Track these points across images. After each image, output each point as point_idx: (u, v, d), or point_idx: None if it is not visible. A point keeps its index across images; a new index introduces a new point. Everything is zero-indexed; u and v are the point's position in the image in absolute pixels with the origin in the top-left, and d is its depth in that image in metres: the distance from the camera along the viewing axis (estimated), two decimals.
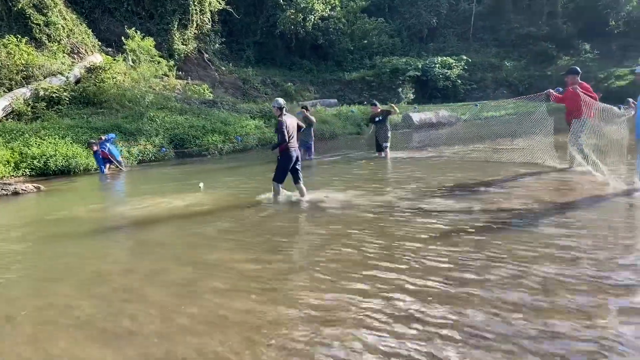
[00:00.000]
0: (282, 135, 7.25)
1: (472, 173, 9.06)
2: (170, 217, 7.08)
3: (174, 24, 26.70)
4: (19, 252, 5.55)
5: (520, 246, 4.50)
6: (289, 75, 34.48)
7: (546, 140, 9.93)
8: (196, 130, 17.86)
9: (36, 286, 4.36)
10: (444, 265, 4.12)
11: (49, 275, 4.67)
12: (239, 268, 4.45)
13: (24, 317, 3.62)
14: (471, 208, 6.15)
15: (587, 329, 2.91)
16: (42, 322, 3.52)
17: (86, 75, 19.26)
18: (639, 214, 5.81)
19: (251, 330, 3.17)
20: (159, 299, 3.82)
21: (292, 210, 6.98)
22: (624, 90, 28.50)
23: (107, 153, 13.16)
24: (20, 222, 7.48)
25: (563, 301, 3.30)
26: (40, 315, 3.66)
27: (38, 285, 4.40)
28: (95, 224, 6.97)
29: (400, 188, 8.04)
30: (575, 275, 3.73)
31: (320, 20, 35.69)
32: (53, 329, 3.40)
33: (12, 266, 4.99)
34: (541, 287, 3.55)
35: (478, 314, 3.18)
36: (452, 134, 15.19)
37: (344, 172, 10.74)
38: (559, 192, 7.13)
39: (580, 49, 40.68)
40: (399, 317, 3.21)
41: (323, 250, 4.81)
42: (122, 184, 11.67)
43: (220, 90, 27.72)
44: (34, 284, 4.42)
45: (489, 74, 38.27)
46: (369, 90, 34.65)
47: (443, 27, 43.71)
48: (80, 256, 5.27)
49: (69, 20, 22.11)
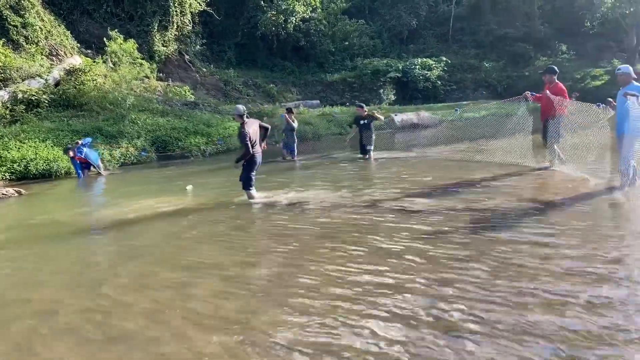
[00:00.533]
0: (247, 147, 7.39)
1: (455, 173, 9.19)
2: (155, 220, 7.07)
3: (154, 26, 26.49)
4: (1, 257, 5.50)
5: (502, 246, 4.60)
6: (270, 77, 34.46)
7: (526, 140, 10.12)
8: (178, 132, 17.78)
9: (21, 292, 4.33)
10: (426, 265, 4.21)
11: (35, 279, 4.64)
12: (227, 270, 4.48)
13: (10, 323, 3.60)
14: (454, 207, 6.26)
15: (564, 319, 3.01)
16: (28, 329, 3.50)
17: (66, 77, 19.01)
18: (619, 210, 5.97)
19: (245, 332, 3.21)
20: (146, 303, 3.84)
21: (276, 211, 7.01)
22: (599, 90, 29.11)
23: (84, 158, 12.87)
24: (3, 225, 7.39)
25: (542, 295, 3.41)
26: (27, 321, 3.64)
27: (23, 291, 4.37)
28: (79, 228, 6.93)
29: (384, 188, 8.14)
30: (554, 271, 3.84)
31: (301, 22, 35.73)
32: (40, 336, 3.39)
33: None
34: (521, 283, 3.65)
35: (457, 312, 3.26)
36: (434, 135, 15.33)
37: (327, 173, 10.81)
38: (540, 190, 7.30)
39: (557, 49, 41.37)
40: (382, 317, 3.28)
41: (311, 251, 4.86)
42: (104, 188, 11.56)
43: (201, 91, 27.59)
44: (19, 290, 4.39)
45: (468, 74, 38.71)
46: (350, 92, 34.80)
47: (422, 29, 44.09)
48: (66, 261, 5.25)
49: (46, 21, 21.78)
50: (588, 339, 2.78)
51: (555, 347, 2.73)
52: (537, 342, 2.78)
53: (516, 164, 9.50)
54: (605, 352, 2.65)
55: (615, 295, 3.36)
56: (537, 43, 41.23)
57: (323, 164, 12.86)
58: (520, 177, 8.38)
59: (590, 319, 3.01)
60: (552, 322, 3.00)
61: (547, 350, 2.69)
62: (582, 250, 4.31)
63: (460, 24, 44.15)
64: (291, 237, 5.39)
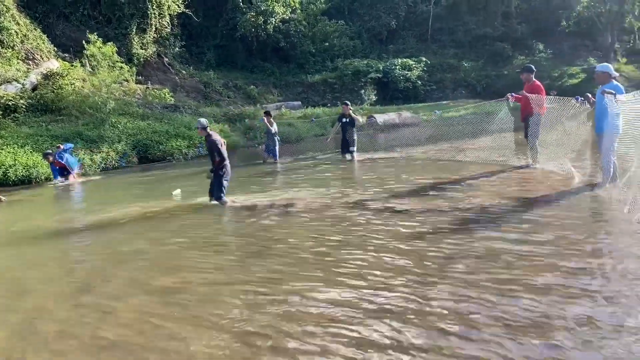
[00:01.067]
0: (221, 156, 7.50)
1: (439, 173, 9.29)
2: (140, 224, 7.01)
3: (132, 28, 26.17)
4: None
5: (486, 243, 4.67)
6: (251, 78, 34.32)
7: (508, 139, 10.27)
8: (159, 135, 17.63)
9: (8, 300, 4.26)
10: (410, 262, 4.25)
11: (22, 288, 4.57)
12: (218, 273, 4.48)
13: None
14: (438, 207, 6.32)
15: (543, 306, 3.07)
16: (19, 337, 3.45)
17: (43, 81, 18.70)
18: (601, 207, 6.08)
19: (241, 335, 3.21)
20: (138, 307, 3.81)
21: (263, 214, 6.99)
22: (576, 88, 29.58)
23: (64, 163, 12.62)
24: None
25: (524, 290, 3.47)
26: (18, 329, 3.59)
27: (11, 298, 4.30)
28: (63, 234, 6.84)
29: (368, 189, 8.18)
30: (537, 266, 3.91)
31: (281, 23, 35.67)
32: (32, 343, 3.35)
33: None
34: (504, 278, 3.71)
35: (441, 309, 3.31)
36: (416, 135, 15.46)
37: (311, 175, 10.82)
38: (523, 188, 7.41)
39: (534, 48, 41.97)
40: (369, 311, 3.31)
41: (301, 251, 4.87)
42: (86, 194, 11.41)
43: (181, 94, 27.36)
44: (6, 298, 4.32)
45: (448, 74, 39.05)
46: (331, 93, 34.85)
47: (402, 29, 44.35)
48: (52, 267, 5.18)
49: (22, 25, 21.39)
50: (568, 330, 2.84)
51: (538, 342, 2.78)
52: (520, 339, 2.83)
53: (499, 162, 9.62)
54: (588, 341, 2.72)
55: (591, 287, 3.44)
56: (515, 42, 41.80)
57: (306, 166, 12.86)
58: (503, 176, 8.49)
59: (568, 310, 3.08)
60: (534, 316, 3.05)
61: (529, 347, 2.74)
62: (562, 246, 4.39)
63: (439, 24, 44.52)
64: (277, 241, 5.39)
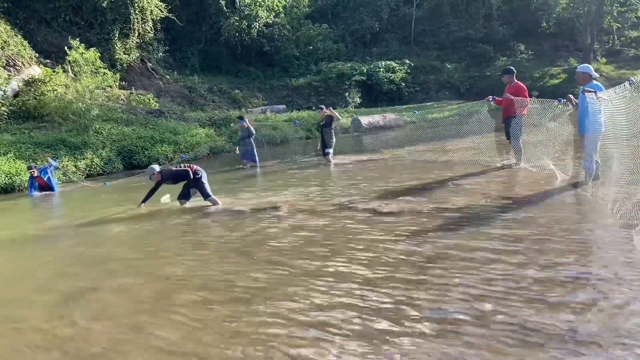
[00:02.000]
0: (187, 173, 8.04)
1: (423, 174, 9.35)
2: (129, 231, 6.98)
3: (115, 34, 26.00)
4: None
5: (471, 242, 4.73)
6: (235, 83, 34.27)
7: (490, 140, 10.39)
8: (144, 141, 17.56)
9: None
10: (395, 263, 4.30)
11: (4, 295, 4.53)
12: (211, 279, 4.48)
13: None
14: (423, 208, 6.38)
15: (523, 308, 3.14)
16: (10, 349, 3.43)
17: (25, 88, 18.54)
18: (584, 205, 6.19)
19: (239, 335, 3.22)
20: (128, 316, 3.80)
21: (250, 218, 7.00)
22: (557, 88, 30.01)
23: (45, 180, 12.11)
24: None
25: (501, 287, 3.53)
26: (7, 339, 3.57)
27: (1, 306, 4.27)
28: (50, 242, 6.79)
29: (352, 191, 8.21)
30: (519, 263, 3.98)
31: (265, 27, 35.69)
32: (23, 354, 3.33)
33: None
34: (487, 279, 3.77)
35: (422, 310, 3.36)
36: (400, 137, 15.57)
37: (294, 178, 10.83)
38: (506, 188, 7.51)
39: (516, 49, 42.46)
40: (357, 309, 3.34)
41: (290, 254, 4.90)
42: (70, 202, 11.32)
43: (166, 99, 27.25)
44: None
45: (431, 76, 39.32)
46: (316, 96, 34.90)
47: (385, 32, 44.61)
48: (40, 276, 5.14)
49: (2, 31, 21.13)
50: (550, 336, 2.90)
51: (516, 342, 2.84)
52: (502, 340, 2.88)
53: (482, 162, 9.72)
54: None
55: (577, 287, 3.52)
56: (496, 44, 42.25)
57: (289, 169, 12.84)
58: (486, 176, 8.58)
59: (551, 311, 3.14)
60: (515, 319, 3.11)
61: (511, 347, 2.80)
62: (546, 245, 4.47)
63: (421, 26, 44.86)
64: (264, 245, 5.41)
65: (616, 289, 3.41)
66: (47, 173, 12.24)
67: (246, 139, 14.07)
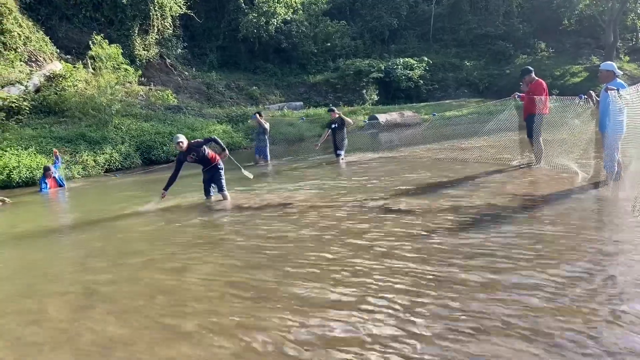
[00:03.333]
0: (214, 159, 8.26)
1: (441, 172, 9.27)
2: (148, 224, 7.04)
3: (134, 30, 26.27)
4: None
5: (489, 240, 4.67)
6: (253, 79, 34.37)
7: (509, 138, 10.26)
8: (163, 136, 17.71)
9: (17, 301, 4.28)
10: (412, 262, 4.25)
11: (23, 286, 4.59)
12: (230, 275, 4.49)
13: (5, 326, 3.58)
14: (441, 206, 6.30)
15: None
16: (26, 343, 3.47)
17: (46, 83, 18.81)
18: (605, 205, 6.07)
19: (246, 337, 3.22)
20: (143, 309, 3.82)
21: (263, 215, 7.00)
22: (578, 87, 29.55)
23: (57, 181, 12.35)
24: None
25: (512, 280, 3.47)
26: (18, 328, 3.61)
27: (19, 301, 4.31)
28: (69, 235, 6.86)
29: (368, 189, 8.16)
30: (539, 264, 3.91)
31: (282, 24, 35.72)
32: (39, 346, 3.37)
33: None
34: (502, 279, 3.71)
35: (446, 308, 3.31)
36: (418, 134, 15.45)
37: (308, 175, 10.78)
38: (526, 187, 7.40)
39: (536, 47, 41.94)
40: (369, 311, 3.31)
41: (297, 252, 4.88)
42: (90, 195, 11.45)
43: (184, 95, 27.46)
44: (14, 299, 4.33)
45: (450, 73, 39.03)
46: (333, 93, 34.86)
47: (404, 29, 44.35)
48: (59, 269, 5.20)
49: (25, 27, 21.48)
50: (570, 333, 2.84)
51: (539, 344, 2.78)
52: (523, 339, 2.83)
53: (502, 161, 9.60)
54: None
55: (596, 287, 3.44)
56: (516, 41, 41.78)
57: (302, 166, 12.76)
58: (505, 175, 8.47)
59: (570, 317, 3.08)
60: (537, 318, 3.06)
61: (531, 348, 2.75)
62: (566, 245, 4.38)
63: (440, 23, 44.51)
64: (278, 239, 5.40)
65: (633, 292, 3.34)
66: (56, 173, 12.43)
67: (260, 135, 14.04)
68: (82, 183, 13.04)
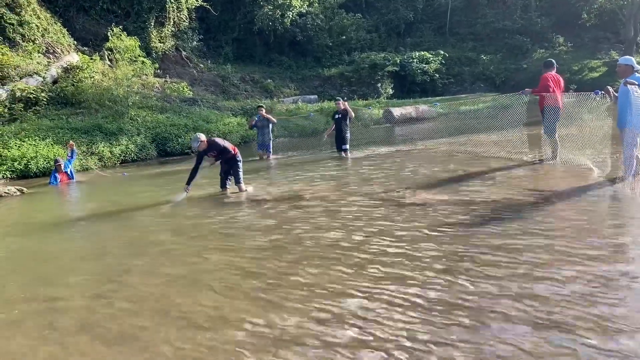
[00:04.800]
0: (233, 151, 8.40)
1: (455, 166, 9.22)
2: (162, 216, 7.10)
3: (150, 22, 26.40)
4: (9, 256, 5.52)
5: (505, 237, 4.63)
6: (268, 72, 34.39)
7: (524, 133, 10.16)
8: (178, 128, 17.80)
9: (30, 288, 4.33)
10: (428, 256, 4.24)
11: (42, 276, 4.65)
12: (243, 268, 4.52)
13: (18, 316, 3.63)
14: (455, 201, 6.27)
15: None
16: (42, 325, 3.52)
17: (63, 75, 18.96)
18: (622, 201, 5.99)
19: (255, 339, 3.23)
20: (160, 299, 3.86)
21: (277, 206, 7.02)
22: (596, 82, 29.11)
23: (69, 175, 12.03)
24: (10, 223, 7.39)
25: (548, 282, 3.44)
26: (39, 317, 3.66)
27: (32, 287, 4.37)
28: (87, 225, 6.94)
29: (382, 182, 8.13)
30: (556, 260, 3.87)
31: (298, 17, 35.66)
32: (54, 331, 3.42)
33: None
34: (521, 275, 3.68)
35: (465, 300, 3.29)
36: (432, 129, 15.36)
37: (316, 169, 10.71)
38: (542, 182, 7.33)
39: (554, 41, 41.36)
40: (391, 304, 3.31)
41: (319, 243, 4.89)
42: (105, 187, 11.56)
43: (199, 87, 27.55)
44: (26, 286, 4.39)
45: (466, 67, 38.69)
46: (348, 86, 34.73)
47: (420, 22, 44.04)
48: (74, 257, 5.26)
49: (43, 19, 21.68)
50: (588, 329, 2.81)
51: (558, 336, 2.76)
52: (542, 335, 2.81)
53: (516, 156, 9.51)
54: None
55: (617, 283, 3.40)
56: (534, 35, 41.24)
57: (308, 161, 12.65)
58: (521, 169, 8.40)
59: (590, 309, 3.04)
60: (555, 314, 3.03)
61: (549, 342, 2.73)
62: (584, 241, 4.34)
63: (457, 17, 44.12)
64: (294, 230, 5.41)
65: None
66: (69, 165, 12.19)
67: (265, 129, 13.78)
68: (85, 178, 13.11)
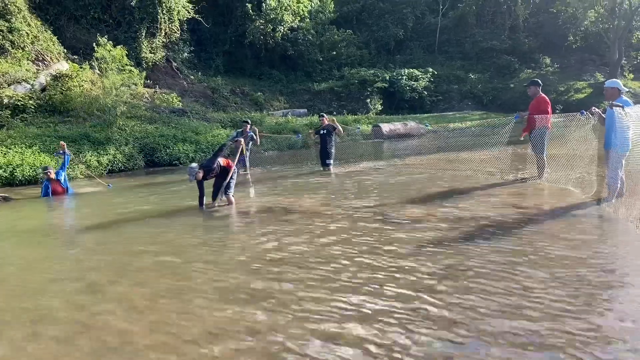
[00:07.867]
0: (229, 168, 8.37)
1: (441, 184, 9.25)
2: (154, 225, 7.05)
3: (142, 32, 26.43)
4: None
5: (486, 256, 4.66)
6: (258, 85, 34.52)
7: (511, 153, 10.26)
8: (167, 139, 17.75)
9: (21, 297, 4.28)
10: (403, 273, 4.26)
11: (31, 286, 4.59)
12: (230, 283, 4.49)
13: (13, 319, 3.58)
14: (439, 218, 6.30)
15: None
16: (25, 334, 3.48)
17: (52, 83, 18.86)
18: (607, 221, 6.07)
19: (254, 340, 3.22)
20: (146, 310, 3.83)
21: (263, 222, 7.01)
22: (582, 103, 29.64)
23: (62, 187, 10.90)
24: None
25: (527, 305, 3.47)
26: (23, 327, 3.61)
27: (23, 297, 4.31)
28: (72, 236, 6.87)
29: (367, 199, 8.12)
30: (537, 278, 3.91)
31: (289, 31, 35.95)
32: (45, 339, 3.37)
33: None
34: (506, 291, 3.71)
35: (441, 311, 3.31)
36: (420, 145, 15.47)
37: (299, 184, 10.72)
38: (527, 201, 7.37)
39: (541, 62, 42.12)
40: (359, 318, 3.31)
41: (298, 262, 4.89)
42: (95, 195, 11.45)
43: (189, 99, 27.54)
44: (17, 294, 4.34)
45: (454, 85, 39.18)
46: (338, 101, 34.98)
47: (409, 40, 44.62)
48: (62, 265, 5.20)
49: (33, 27, 21.64)
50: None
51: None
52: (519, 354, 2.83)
53: (502, 175, 9.59)
54: None
55: (597, 304, 3.44)
56: (521, 56, 41.98)
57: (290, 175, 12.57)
58: (506, 188, 8.45)
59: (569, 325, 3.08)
60: (530, 334, 3.06)
61: None
62: (567, 261, 4.38)
63: (446, 36, 44.79)
64: (281, 245, 5.40)
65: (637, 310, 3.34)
66: (62, 173, 11.01)
67: (249, 146, 13.29)
68: (87, 190, 13.04)
